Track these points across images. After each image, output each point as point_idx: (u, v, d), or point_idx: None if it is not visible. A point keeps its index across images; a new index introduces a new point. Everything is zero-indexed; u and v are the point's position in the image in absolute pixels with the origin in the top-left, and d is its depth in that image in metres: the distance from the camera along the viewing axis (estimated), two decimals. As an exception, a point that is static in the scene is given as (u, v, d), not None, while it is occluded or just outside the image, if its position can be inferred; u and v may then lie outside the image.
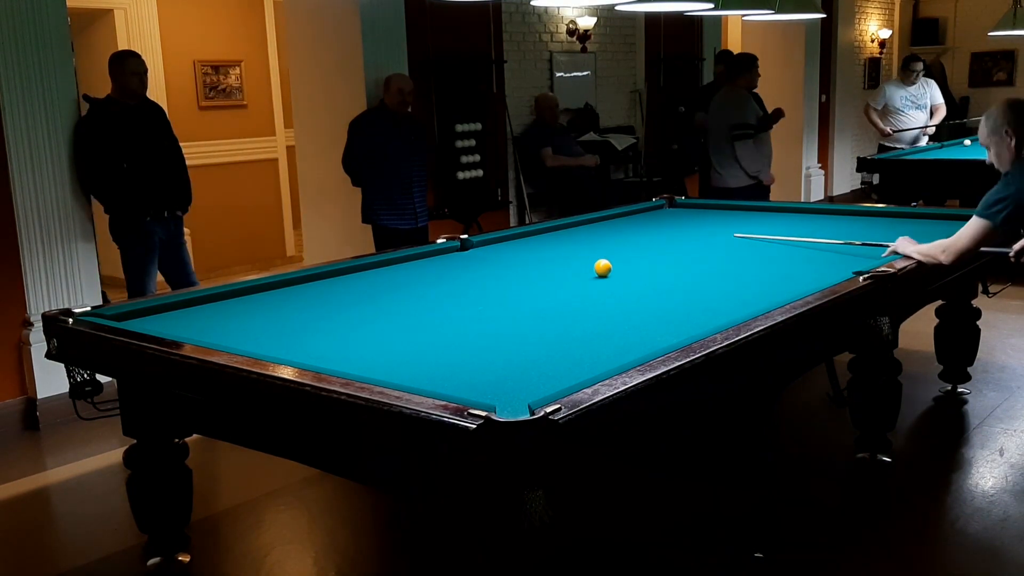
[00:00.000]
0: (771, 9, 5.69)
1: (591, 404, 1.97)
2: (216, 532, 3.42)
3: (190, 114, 7.82)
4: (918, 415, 4.30)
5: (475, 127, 6.76)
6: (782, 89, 9.58)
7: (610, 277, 3.53)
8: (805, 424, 4.24)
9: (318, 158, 6.23)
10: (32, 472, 4.06)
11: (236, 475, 3.88)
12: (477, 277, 3.67)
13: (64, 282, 4.66)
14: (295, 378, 2.24)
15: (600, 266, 3.45)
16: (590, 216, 4.95)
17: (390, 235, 5.51)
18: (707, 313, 2.77)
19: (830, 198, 10.91)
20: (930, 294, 3.89)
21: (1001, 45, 12.18)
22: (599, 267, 3.45)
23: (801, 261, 3.72)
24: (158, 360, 2.60)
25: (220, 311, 3.16)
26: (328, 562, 3.27)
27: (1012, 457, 3.77)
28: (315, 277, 3.60)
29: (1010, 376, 4.73)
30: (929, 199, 7.08)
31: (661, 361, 2.25)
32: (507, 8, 7.07)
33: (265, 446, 2.65)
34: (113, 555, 3.29)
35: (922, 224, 4.29)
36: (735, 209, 5.18)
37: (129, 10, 7.37)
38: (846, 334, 3.21)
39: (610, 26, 8.04)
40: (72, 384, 2.91)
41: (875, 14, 12.00)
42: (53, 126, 4.55)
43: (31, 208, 4.53)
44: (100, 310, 3.07)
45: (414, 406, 1.98)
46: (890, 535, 3.20)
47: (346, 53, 6.00)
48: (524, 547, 1.92)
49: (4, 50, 4.37)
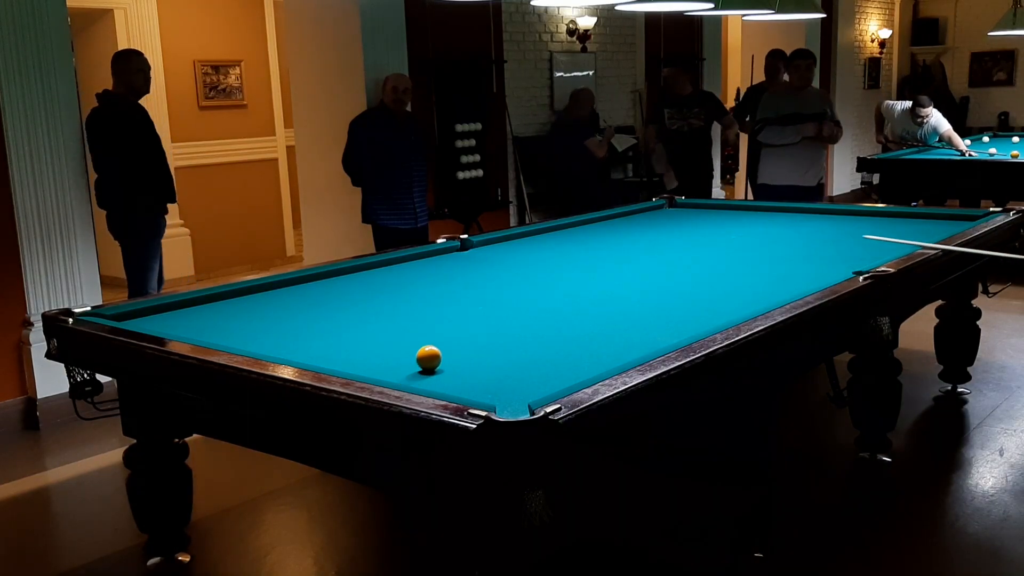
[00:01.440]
0: (771, 9, 5.69)
1: (591, 404, 1.97)
2: (216, 532, 3.42)
3: (190, 114, 7.82)
4: (918, 415, 4.30)
5: (475, 127, 6.75)
6: (782, 89, 9.56)
7: (610, 277, 3.53)
8: (805, 424, 4.24)
9: (318, 158, 6.23)
10: (32, 472, 4.06)
11: (236, 475, 3.87)
12: (477, 277, 3.67)
13: (64, 282, 4.66)
14: (295, 378, 2.24)
15: (424, 355, 2.38)
16: (590, 216, 4.96)
17: (390, 235, 5.51)
18: (707, 313, 2.77)
19: (830, 198, 10.90)
20: (930, 294, 3.89)
21: (1001, 45, 12.19)
22: (424, 356, 2.38)
23: (801, 261, 3.72)
24: (158, 360, 2.60)
25: (220, 311, 3.16)
26: (328, 562, 3.27)
27: (1012, 457, 3.77)
28: (315, 277, 3.60)
29: (1010, 376, 4.73)
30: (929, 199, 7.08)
31: (661, 361, 2.25)
32: (507, 8, 7.07)
33: (265, 446, 2.64)
34: (113, 555, 3.29)
35: (922, 224, 4.29)
36: (735, 209, 5.18)
37: (129, 10, 7.36)
38: (846, 334, 3.21)
39: (610, 26, 8.04)
40: (72, 384, 2.91)
41: (875, 14, 12.00)
42: (53, 126, 4.55)
43: (31, 208, 4.53)
44: (100, 310, 3.07)
45: (414, 406, 1.98)
46: (890, 535, 3.20)
47: (346, 53, 5.99)
48: (524, 547, 1.92)
49: (4, 50, 4.37)
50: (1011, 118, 12.45)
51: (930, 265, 3.48)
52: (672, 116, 7.00)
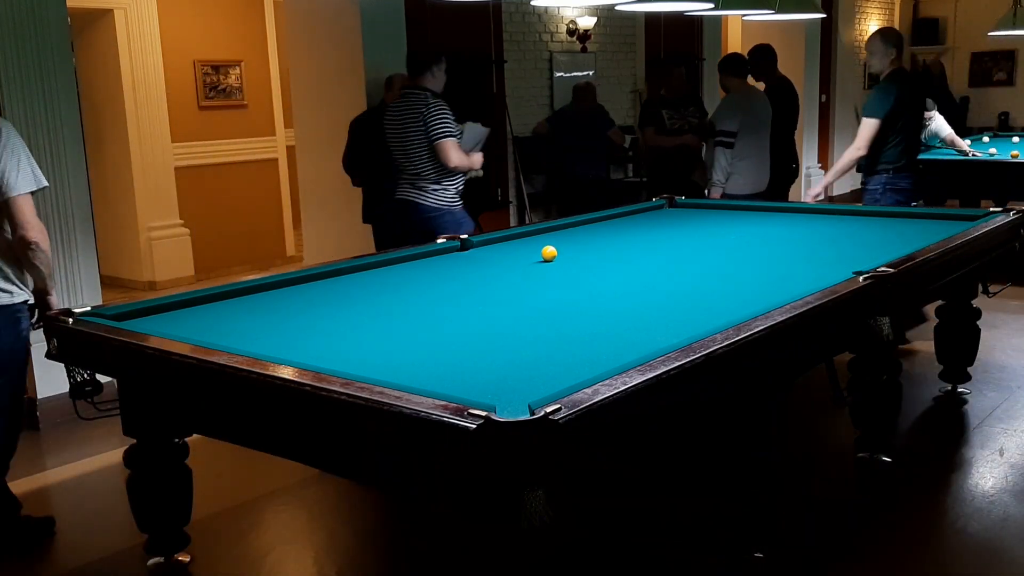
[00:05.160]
0: (771, 9, 5.69)
1: (591, 404, 1.97)
2: (216, 532, 3.42)
3: (190, 114, 7.83)
4: (918, 415, 4.30)
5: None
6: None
7: (610, 277, 3.53)
8: (805, 424, 4.24)
9: (318, 158, 6.24)
10: (32, 472, 4.06)
11: (236, 475, 3.87)
12: (477, 277, 3.67)
13: (64, 282, 4.66)
14: (295, 378, 2.24)
15: (547, 252, 3.76)
16: (590, 216, 4.95)
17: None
18: (707, 313, 2.77)
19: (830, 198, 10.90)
20: (930, 294, 3.89)
21: (1001, 45, 12.19)
22: (546, 253, 3.76)
23: (801, 261, 3.72)
24: (158, 360, 2.60)
25: (220, 311, 3.16)
26: (328, 562, 3.27)
27: (1012, 457, 3.77)
28: (315, 277, 3.60)
29: (1010, 376, 4.73)
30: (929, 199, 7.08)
31: (661, 361, 2.25)
32: (507, 8, 7.07)
33: (265, 446, 2.64)
34: (113, 555, 3.29)
35: (922, 224, 4.29)
36: (735, 209, 5.18)
37: (129, 10, 7.37)
38: (846, 334, 3.21)
39: (610, 26, 8.04)
40: (72, 384, 2.91)
41: (875, 14, 12.00)
42: (53, 126, 4.55)
43: (31, 208, 4.53)
44: (100, 310, 3.07)
45: (414, 406, 1.98)
46: (890, 535, 3.20)
47: (346, 53, 6.00)
48: (524, 547, 1.92)
49: (4, 50, 4.37)
50: (1011, 118, 12.45)
51: (930, 265, 3.48)
52: (671, 116, 7.00)
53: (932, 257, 3.51)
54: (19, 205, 3.09)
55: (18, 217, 3.10)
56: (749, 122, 6.05)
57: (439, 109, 5.00)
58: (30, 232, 3.11)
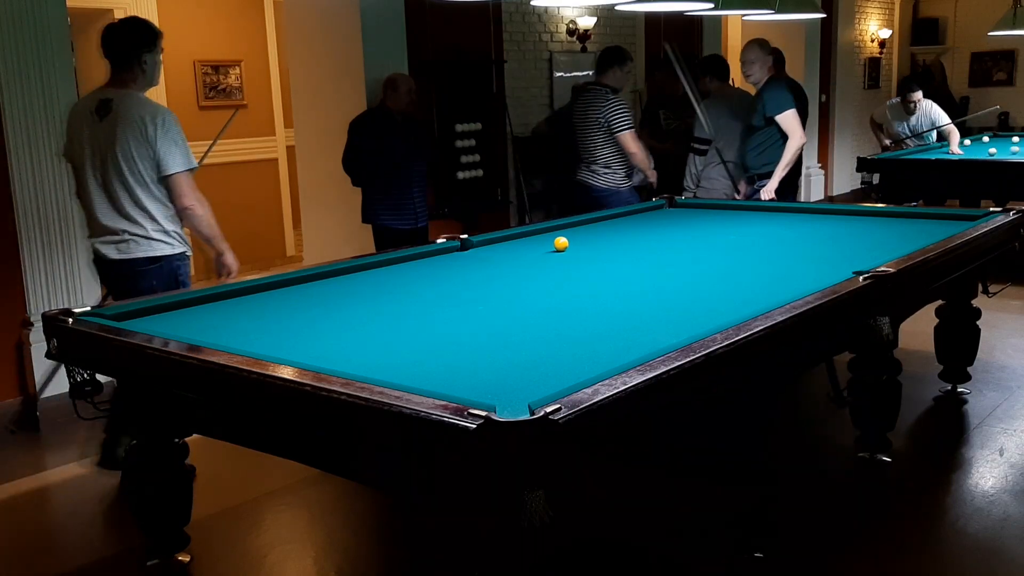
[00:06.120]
0: (771, 9, 5.68)
1: (591, 404, 1.97)
2: (216, 532, 3.42)
3: (190, 114, 7.81)
4: (918, 415, 4.30)
5: (475, 127, 6.75)
6: (782, 89, 9.57)
7: (610, 277, 3.53)
8: (805, 424, 4.24)
9: (318, 158, 6.23)
10: (32, 472, 4.06)
11: (236, 475, 3.87)
12: (477, 277, 3.67)
13: (64, 282, 4.67)
14: (295, 378, 2.24)
15: (559, 243, 4.00)
16: (590, 216, 4.95)
17: (390, 235, 5.51)
18: (707, 313, 2.77)
19: (830, 198, 10.91)
20: (930, 294, 3.89)
21: (1001, 45, 12.20)
22: (558, 244, 4.00)
23: (801, 261, 3.72)
24: (158, 360, 2.60)
25: (220, 311, 3.16)
26: (328, 562, 3.27)
27: (1012, 457, 3.77)
28: (315, 277, 3.60)
29: (1010, 376, 4.73)
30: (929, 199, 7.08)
31: (661, 361, 2.25)
32: (507, 8, 7.06)
33: (265, 446, 2.64)
34: (113, 555, 3.30)
35: (922, 224, 4.29)
36: (735, 209, 5.18)
37: (129, 10, 7.35)
38: (846, 334, 3.21)
39: (610, 26, 8.04)
40: (72, 384, 2.91)
41: (875, 14, 12.00)
42: (53, 126, 4.55)
43: (31, 208, 4.53)
44: (100, 310, 3.07)
45: (414, 406, 1.98)
46: (890, 535, 3.20)
47: (346, 53, 6.00)
48: (524, 547, 1.92)
49: (4, 50, 4.38)
50: (1011, 118, 12.45)
51: (930, 265, 3.48)
52: (668, 117, 7.01)
53: (932, 257, 3.51)
54: (175, 180, 3.75)
55: (175, 189, 3.76)
56: (725, 126, 6.06)
57: (618, 104, 5.92)
58: (184, 199, 3.78)
